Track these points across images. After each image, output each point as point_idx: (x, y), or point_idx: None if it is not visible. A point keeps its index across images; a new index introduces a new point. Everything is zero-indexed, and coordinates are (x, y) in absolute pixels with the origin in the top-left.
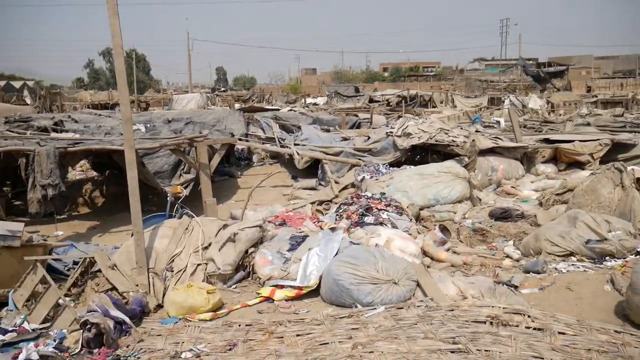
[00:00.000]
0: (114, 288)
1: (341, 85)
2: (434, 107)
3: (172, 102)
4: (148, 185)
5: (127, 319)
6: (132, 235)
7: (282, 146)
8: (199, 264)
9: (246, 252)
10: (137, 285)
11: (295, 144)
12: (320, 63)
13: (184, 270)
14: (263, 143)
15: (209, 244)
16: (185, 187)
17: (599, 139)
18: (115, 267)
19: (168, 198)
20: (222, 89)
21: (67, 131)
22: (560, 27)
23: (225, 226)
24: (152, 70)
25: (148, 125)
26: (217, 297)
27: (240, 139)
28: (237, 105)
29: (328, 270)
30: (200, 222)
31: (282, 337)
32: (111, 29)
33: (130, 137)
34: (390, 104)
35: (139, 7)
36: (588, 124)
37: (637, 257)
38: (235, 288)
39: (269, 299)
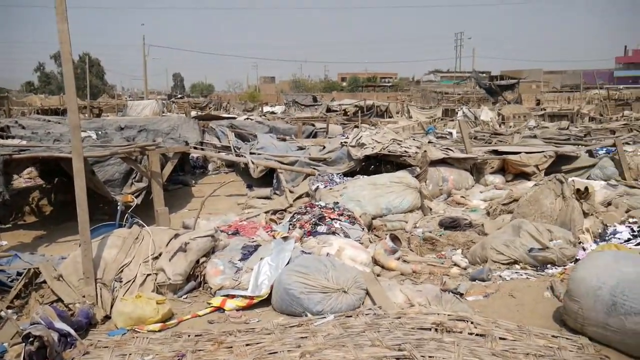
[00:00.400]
0: (59, 300)
1: (299, 94)
2: (390, 117)
3: (127, 109)
4: (99, 193)
5: (72, 331)
6: (80, 245)
7: (237, 155)
8: (148, 274)
9: (197, 261)
10: (84, 297)
11: (250, 153)
12: (279, 71)
13: (133, 281)
14: (218, 152)
15: (160, 254)
16: (137, 196)
17: (544, 151)
18: (61, 278)
19: (118, 207)
20: (179, 95)
21: (13, 137)
22: (512, 42)
23: (176, 236)
24: (106, 75)
25: (100, 132)
26: (166, 307)
27: (195, 148)
28: (193, 113)
29: (279, 280)
30: (150, 231)
31: (231, 347)
32: (60, 35)
33: (78, 145)
34: (348, 113)
35: (93, 10)
36: (534, 137)
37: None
38: (185, 298)
39: (219, 309)
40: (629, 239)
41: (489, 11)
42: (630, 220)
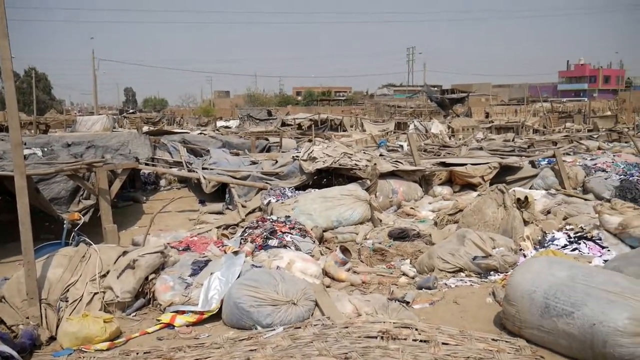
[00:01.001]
0: (2, 322)
1: (254, 109)
2: (344, 131)
3: (76, 124)
4: (45, 212)
5: (14, 354)
6: (23, 265)
7: (189, 170)
8: (95, 293)
9: (146, 278)
10: (27, 318)
11: (203, 168)
12: (234, 86)
13: (80, 300)
14: (170, 167)
15: (107, 272)
16: (84, 214)
17: (488, 163)
18: (3, 300)
19: (65, 225)
20: (131, 110)
21: None
22: (463, 57)
23: (125, 253)
24: (53, 89)
25: (46, 149)
26: (114, 326)
27: (146, 164)
28: (145, 128)
29: (229, 294)
30: (98, 249)
31: None
32: (1, 51)
33: (20, 162)
34: (302, 127)
35: (39, 23)
36: (481, 148)
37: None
38: (134, 316)
39: (169, 325)
40: (565, 245)
41: (440, 27)
42: (567, 227)
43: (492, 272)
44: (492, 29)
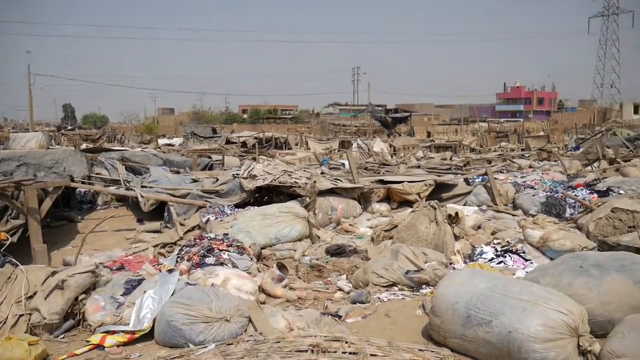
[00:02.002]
0: None
1: (199, 126)
2: (289, 149)
3: (10, 141)
4: None
5: None
6: None
7: (127, 189)
8: (21, 315)
9: (76, 299)
10: None
11: (142, 186)
12: (178, 103)
13: (4, 322)
14: (107, 185)
15: (35, 293)
16: (12, 234)
17: (424, 180)
18: None
19: None
20: (69, 127)
21: None
22: (407, 77)
23: (54, 273)
24: None
25: None
26: (40, 348)
27: (82, 182)
28: (84, 146)
29: (161, 312)
30: (25, 270)
31: None
32: None
33: None
34: (247, 145)
35: None
36: (418, 167)
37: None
38: (63, 337)
39: (99, 346)
40: (492, 258)
41: (385, 48)
42: (495, 241)
43: (424, 286)
44: (435, 52)
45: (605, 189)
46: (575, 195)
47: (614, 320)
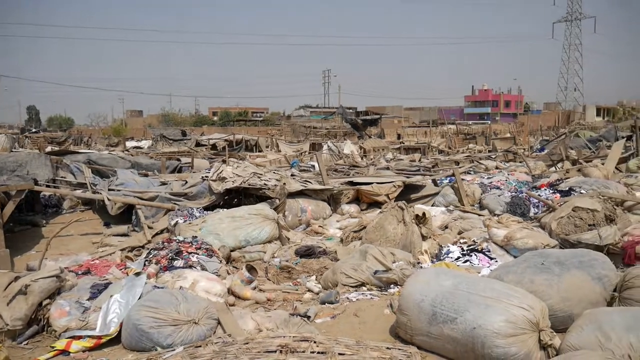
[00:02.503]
0: None
1: (168, 129)
2: (259, 151)
3: None
4: None
5: None
6: None
7: (94, 192)
8: None
9: (40, 304)
10: None
11: (109, 189)
12: (147, 105)
13: None
14: (73, 189)
15: None
16: None
17: (393, 182)
18: None
19: None
20: (34, 130)
21: None
22: (377, 80)
23: (17, 278)
24: None
25: None
26: (2, 355)
27: (47, 185)
28: (49, 149)
29: (128, 316)
30: None
31: None
32: None
33: None
34: (217, 147)
35: None
36: (387, 168)
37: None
38: (26, 344)
39: (64, 352)
40: (458, 257)
41: (356, 51)
42: (461, 241)
43: (392, 285)
44: (406, 55)
45: (567, 188)
46: (539, 195)
47: (573, 315)
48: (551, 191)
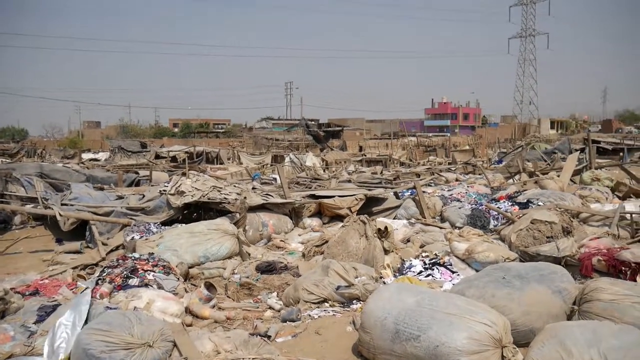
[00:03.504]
0: None
1: (127, 140)
2: (221, 163)
3: None
4: None
5: None
6: None
7: (45, 207)
8: None
9: None
10: None
11: (62, 204)
12: (105, 116)
13: None
14: (23, 204)
15: None
16: None
17: (355, 195)
18: None
19: None
20: None
21: None
22: (339, 92)
23: None
24: None
25: None
26: None
27: None
28: (0, 161)
29: (78, 340)
30: None
31: None
32: None
33: None
34: (177, 160)
35: None
36: (350, 181)
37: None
38: None
39: None
40: (421, 271)
41: (319, 63)
42: (423, 254)
43: (354, 301)
44: (367, 68)
45: (525, 200)
46: (498, 207)
47: (534, 329)
48: (510, 203)
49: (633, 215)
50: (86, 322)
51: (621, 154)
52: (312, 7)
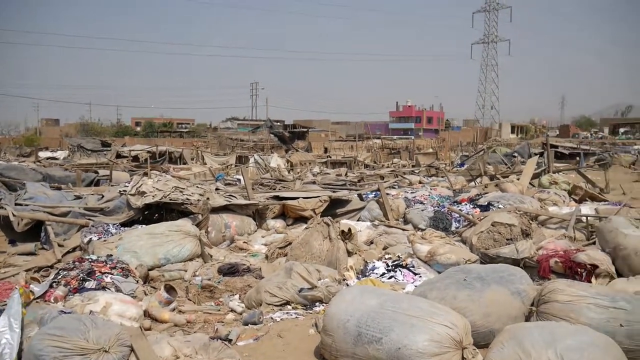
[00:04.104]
0: None
1: (87, 139)
2: (184, 163)
3: None
4: None
5: None
6: None
7: None
8: None
9: None
10: None
11: (16, 204)
12: (65, 114)
13: None
14: None
15: None
16: None
17: (319, 196)
18: None
19: None
20: None
21: None
22: (305, 94)
23: None
24: None
25: None
26: None
27: None
28: None
29: (30, 346)
30: None
31: None
32: None
33: None
34: (139, 159)
35: None
36: (314, 182)
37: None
38: None
39: None
40: (384, 273)
41: (284, 64)
42: (386, 256)
43: (317, 304)
44: (334, 70)
45: (486, 203)
46: (460, 210)
47: (494, 330)
48: (471, 206)
49: (588, 218)
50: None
51: (577, 158)
52: (280, 8)
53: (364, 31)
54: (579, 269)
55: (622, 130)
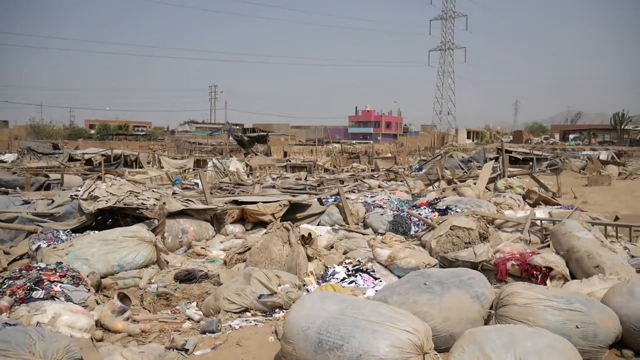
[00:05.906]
0: None
1: (38, 141)
2: (140, 167)
3: None
4: None
5: None
6: None
7: None
8: None
9: None
10: None
11: None
12: (14, 116)
13: None
14: None
15: None
16: None
17: (279, 200)
18: None
19: None
20: None
21: None
22: (264, 97)
23: None
24: None
25: None
26: None
27: None
28: None
29: None
30: None
31: None
32: None
33: None
34: (93, 163)
35: None
36: (274, 187)
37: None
38: None
39: None
40: (344, 278)
41: (244, 68)
42: (347, 261)
43: (277, 310)
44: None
45: (444, 207)
46: (419, 214)
47: (454, 334)
48: (430, 210)
49: (543, 221)
50: None
51: (531, 163)
52: (238, 10)
53: (323, 36)
54: (534, 272)
55: (571, 136)
